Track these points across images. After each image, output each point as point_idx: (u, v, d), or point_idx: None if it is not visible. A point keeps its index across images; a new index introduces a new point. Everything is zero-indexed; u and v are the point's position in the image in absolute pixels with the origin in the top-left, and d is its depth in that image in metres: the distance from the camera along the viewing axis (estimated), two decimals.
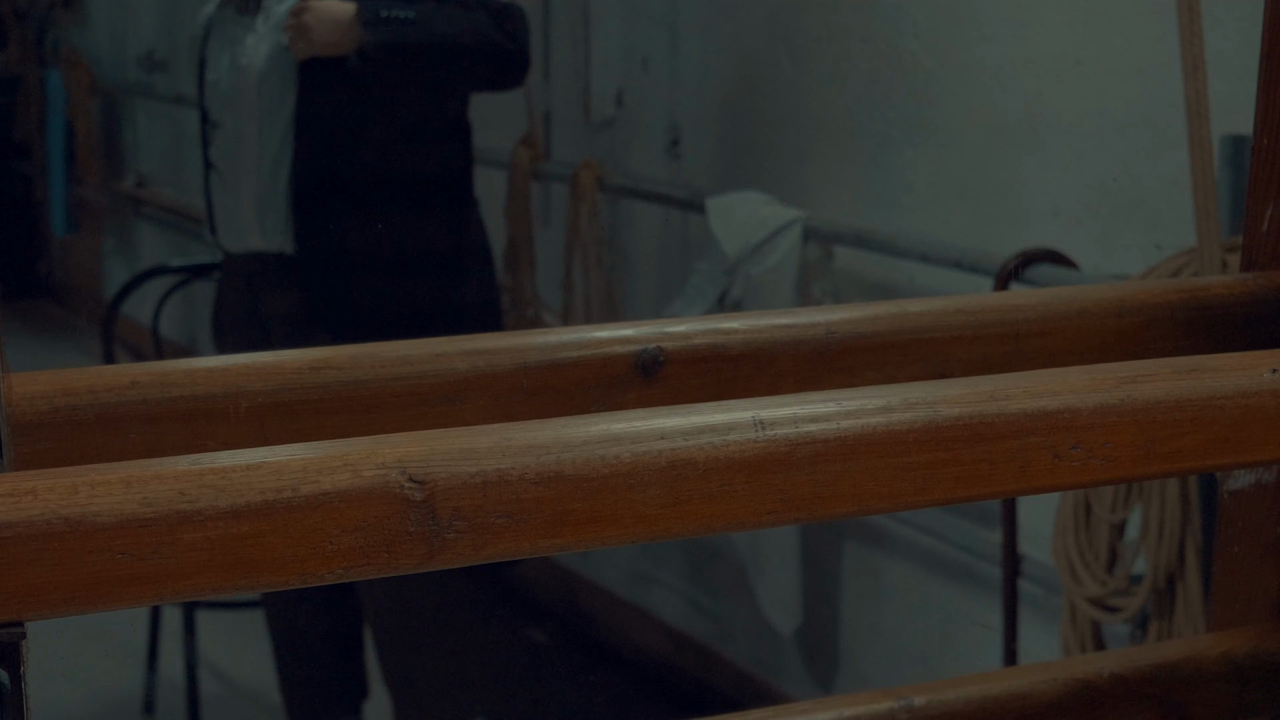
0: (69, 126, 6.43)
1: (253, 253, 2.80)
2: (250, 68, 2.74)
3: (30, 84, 6.97)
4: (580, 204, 3.49)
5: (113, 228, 6.54)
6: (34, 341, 6.81)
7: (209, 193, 2.85)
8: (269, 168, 2.75)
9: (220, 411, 0.95)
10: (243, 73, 2.74)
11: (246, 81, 2.74)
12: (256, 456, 0.77)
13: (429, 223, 2.78)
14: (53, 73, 6.58)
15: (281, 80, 2.72)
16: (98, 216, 6.54)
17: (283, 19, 2.72)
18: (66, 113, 6.41)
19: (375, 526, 0.77)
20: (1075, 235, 2.55)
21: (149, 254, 5.99)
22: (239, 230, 2.80)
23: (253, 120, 2.74)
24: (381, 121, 2.73)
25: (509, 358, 1.01)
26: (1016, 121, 2.67)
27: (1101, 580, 2.30)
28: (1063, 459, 0.90)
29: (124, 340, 5.71)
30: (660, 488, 0.82)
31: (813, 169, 3.10)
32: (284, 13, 2.73)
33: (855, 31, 2.98)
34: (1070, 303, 1.12)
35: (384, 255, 2.74)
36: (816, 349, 1.06)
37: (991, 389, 0.90)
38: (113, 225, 6.53)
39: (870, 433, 0.86)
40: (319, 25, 2.65)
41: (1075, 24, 2.56)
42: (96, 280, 6.75)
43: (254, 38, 2.75)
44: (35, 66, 6.98)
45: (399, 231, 2.74)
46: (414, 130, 2.77)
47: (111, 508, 0.74)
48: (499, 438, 0.81)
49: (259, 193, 2.76)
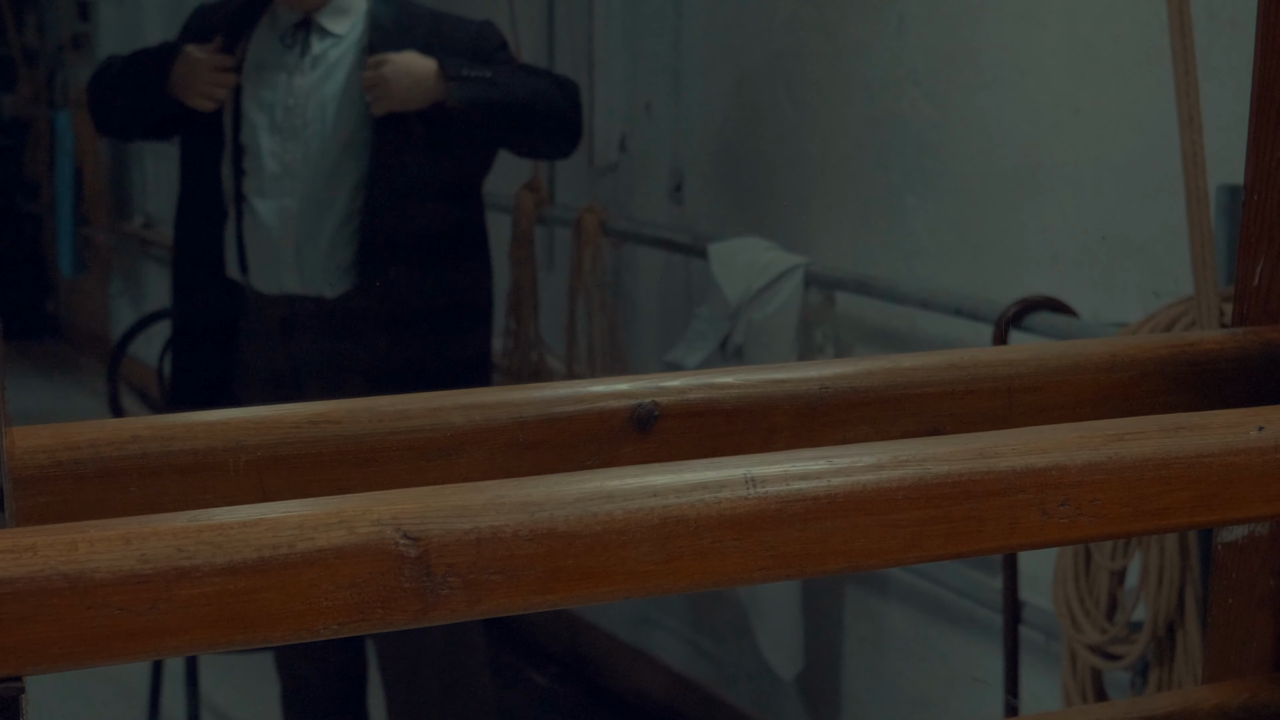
0: (77, 168, 6.46)
1: (288, 295, 2.78)
2: (300, 110, 2.73)
3: (39, 125, 7.01)
4: (584, 248, 3.50)
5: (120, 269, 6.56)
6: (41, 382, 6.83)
7: (240, 230, 2.80)
8: (315, 211, 2.74)
9: (220, 465, 0.96)
10: (292, 113, 2.73)
11: (296, 124, 2.73)
12: (253, 513, 0.79)
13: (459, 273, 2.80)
14: (62, 114, 6.62)
15: (335, 127, 2.71)
16: (105, 257, 6.57)
17: (333, 64, 2.72)
18: (75, 154, 6.44)
19: (370, 583, 0.78)
20: (1074, 282, 2.56)
21: (156, 295, 6.00)
22: (275, 271, 2.78)
23: (302, 164, 2.73)
24: (428, 174, 2.74)
25: (505, 412, 1.02)
26: (1016, 169, 2.68)
27: (1102, 627, 2.30)
28: (1051, 515, 0.91)
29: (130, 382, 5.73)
30: (652, 544, 0.83)
31: (814, 215, 3.11)
32: (336, 58, 2.73)
33: (856, 78, 3.00)
34: (1062, 358, 1.13)
35: (420, 304, 2.75)
36: (810, 404, 1.07)
37: (981, 446, 0.91)
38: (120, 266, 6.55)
39: (860, 490, 0.87)
40: (399, 80, 2.65)
41: (1074, 73, 2.57)
42: (104, 321, 6.77)
43: (303, 79, 2.74)
44: (45, 108, 7.02)
45: (435, 282, 2.76)
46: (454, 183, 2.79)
47: (110, 564, 0.75)
48: (493, 495, 0.82)
49: (301, 235, 2.74)
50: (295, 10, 2.76)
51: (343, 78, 2.75)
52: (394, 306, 2.74)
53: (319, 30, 2.76)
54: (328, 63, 2.74)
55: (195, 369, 2.84)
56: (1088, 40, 2.54)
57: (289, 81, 2.74)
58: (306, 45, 2.75)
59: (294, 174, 2.74)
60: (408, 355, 2.75)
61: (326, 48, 2.75)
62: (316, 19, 2.76)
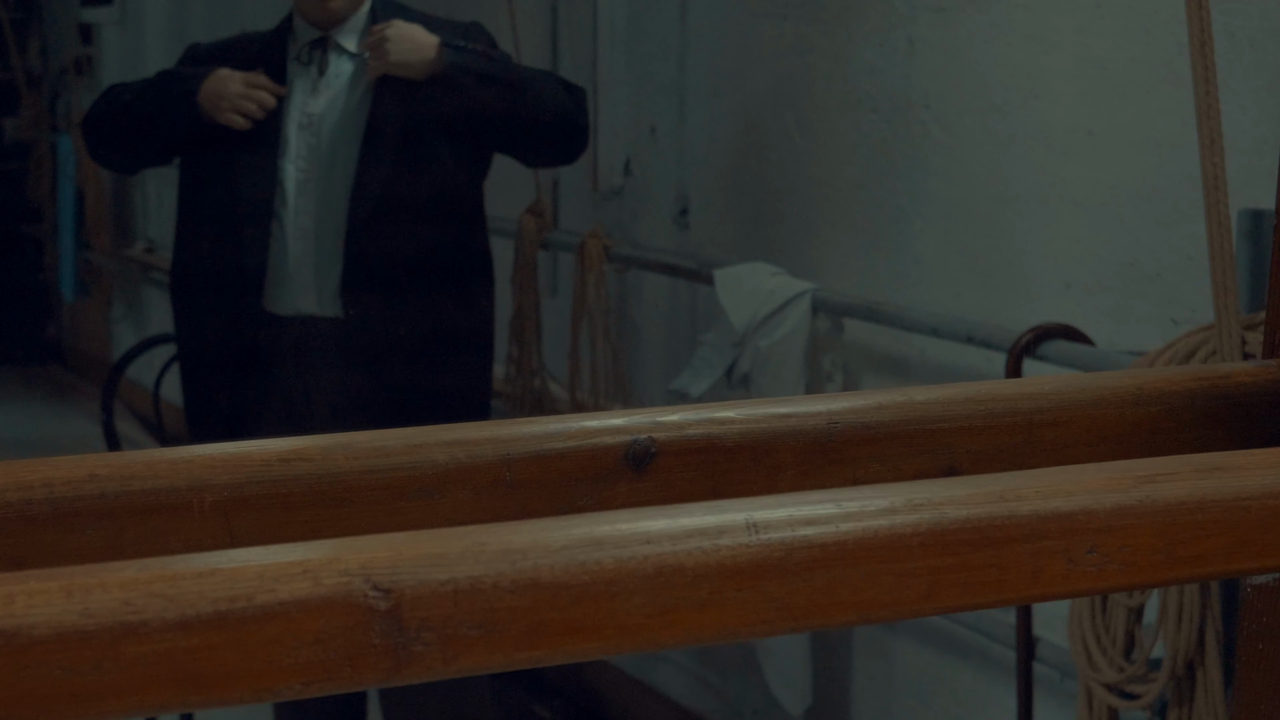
0: (79, 192, 6.42)
1: (302, 316, 2.72)
2: (316, 128, 2.70)
3: (41, 149, 6.97)
4: (587, 273, 3.45)
5: (122, 293, 6.52)
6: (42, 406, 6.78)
7: (267, 252, 2.74)
8: (332, 230, 2.70)
9: (183, 506, 0.90)
10: (308, 131, 2.71)
11: (312, 142, 2.70)
12: (208, 562, 0.72)
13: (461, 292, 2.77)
14: (64, 138, 6.59)
15: (348, 141, 2.68)
16: (107, 282, 6.52)
17: (348, 81, 2.70)
18: (77, 178, 6.40)
19: (337, 638, 0.72)
20: (1088, 309, 2.51)
21: (158, 320, 5.96)
22: (290, 292, 2.73)
23: (317, 182, 2.69)
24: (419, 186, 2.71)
25: (491, 449, 0.96)
26: (1028, 193, 2.63)
27: (1119, 666, 2.24)
28: (1077, 564, 0.84)
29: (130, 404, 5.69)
30: (645, 596, 0.77)
31: (822, 240, 3.06)
32: (349, 72, 2.70)
33: (864, 101, 2.95)
34: (1085, 391, 1.07)
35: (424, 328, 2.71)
36: (817, 440, 1.01)
37: (1001, 489, 0.84)
38: (122, 291, 6.51)
39: (872, 536, 0.81)
40: (400, 42, 2.64)
41: (1087, 95, 2.52)
42: (106, 345, 6.72)
43: (318, 98, 2.72)
44: (47, 131, 6.99)
45: (435, 308, 2.72)
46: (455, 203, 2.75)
47: (50, 619, 0.69)
48: (471, 542, 0.76)
49: (319, 254, 2.70)
50: (314, 29, 2.72)
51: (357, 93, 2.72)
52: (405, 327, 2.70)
53: (336, 48, 2.73)
54: (343, 80, 2.71)
55: (207, 397, 2.79)
56: (1101, 61, 2.49)
57: (305, 100, 2.71)
58: (324, 63, 2.72)
59: (307, 192, 2.70)
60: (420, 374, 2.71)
61: (342, 65, 2.72)
62: (334, 37, 2.73)
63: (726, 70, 3.33)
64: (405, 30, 2.65)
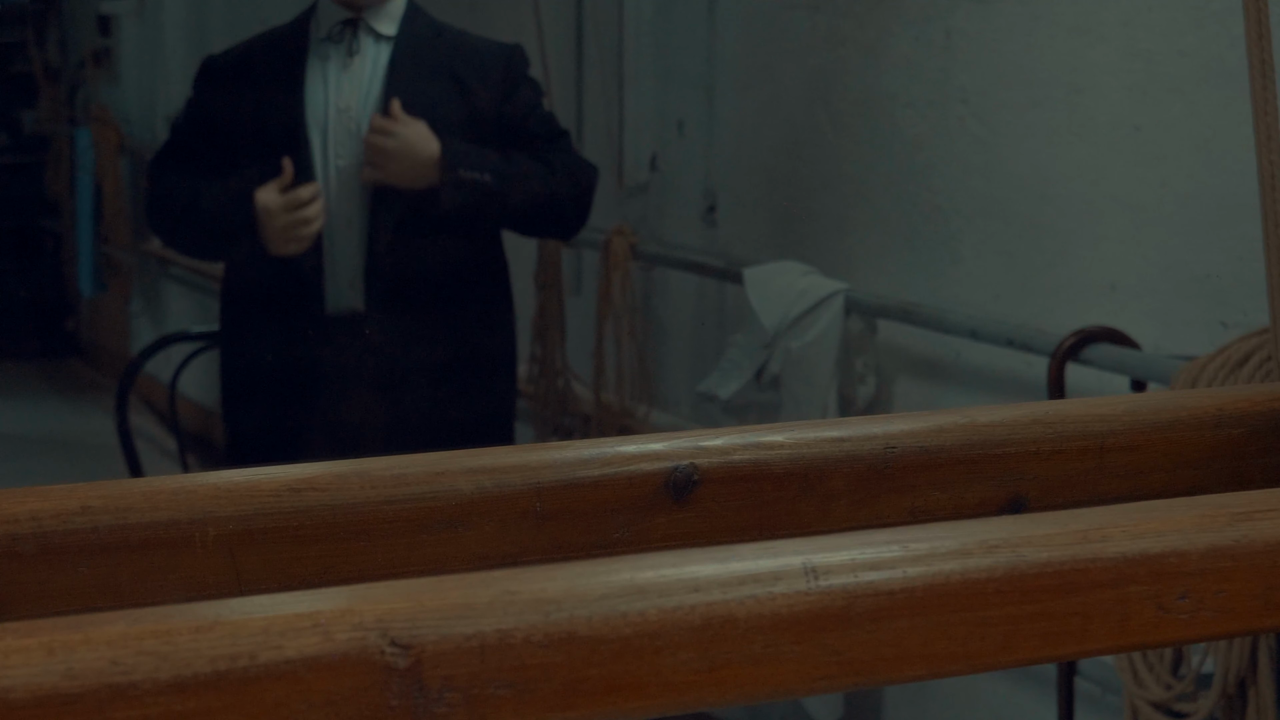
0: (97, 185, 6.37)
1: (354, 312, 2.65)
2: (351, 113, 2.65)
3: (60, 142, 6.92)
4: (612, 272, 3.39)
5: (140, 288, 6.47)
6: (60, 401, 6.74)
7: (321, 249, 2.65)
8: (364, 224, 2.64)
9: (185, 540, 0.83)
10: (345, 115, 2.65)
11: (351, 128, 2.65)
12: (208, 614, 0.65)
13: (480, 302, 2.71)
14: (82, 131, 6.53)
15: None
16: (126, 276, 6.47)
17: (376, 67, 2.64)
18: (95, 172, 6.35)
19: (350, 700, 0.65)
20: (1133, 312, 2.43)
21: (176, 315, 5.92)
22: (340, 289, 2.66)
23: (356, 167, 2.63)
24: None
25: (520, 476, 0.88)
26: (1071, 191, 2.55)
27: (1166, 683, 2.16)
28: (1168, 611, 0.77)
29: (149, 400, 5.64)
30: (693, 650, 0.69)
31: (855, 238, 2.99)
32: (375, 59, 2.64)
33: (900, 96, 2.88)
34: (1160, 412, 0.99)
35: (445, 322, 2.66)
36: (873, 466, 0.93)
37: (1084, 527, 0.77)
38: (140, 285, 6.46)
39: (943, 583, 0.73)
40: (401, 159, 2.57)
41: (1133, 89, 2.44)
42: (124, 340, 6.68)
43: (351, 80, 2.66)
44: (65, 125, 6.94)
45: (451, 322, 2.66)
46: None
47: (28, 680, 0.62)
48: (500, 590, 0.68)
49: (361, 252, 2.65)
50: (345, 9, 2.65)
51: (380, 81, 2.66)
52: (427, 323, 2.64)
53: (366, 29, 2.66)
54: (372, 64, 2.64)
55: (265, 408, 2.70)
56: (1148, 55, 2.41)
57: (339, 81, 2.64)
58: (355, 44, 2.65)
59: (348, 178, 2.62)
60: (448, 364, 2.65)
61: (371, 47, 2.65)
62: (366, 19, 2.65)
63: (756, 64, 3.26)
64: (408, 146, 2.57)
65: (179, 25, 5.98)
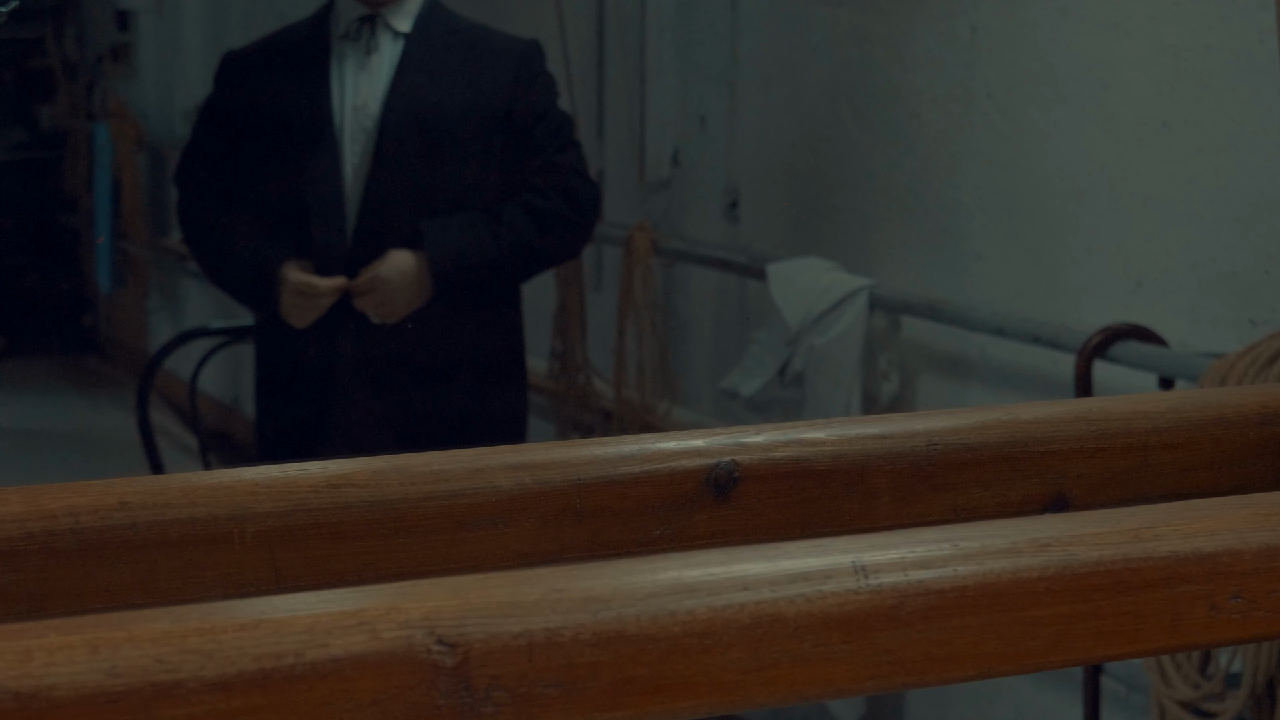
0: (115, 181, 6.36)
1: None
2: (368, 110, 2.65)
3: (78, 138, 6.92)
4: (634, 267, 3.38)
5: (158, 283, 6.47)
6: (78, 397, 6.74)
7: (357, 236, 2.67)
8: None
9: (223, 536, 0.82)
10: (361, 113, 2.66)
11: (367, 125, 2.65)
12: (252, 612, 0.64)
13: None
14: (100, 126, 6.53)
15: (396, 124, 2.64)
16: (144, 272, 6.47)
17: (391, 60, 2.64)
18: (113, 167, 6.35)
19: (396, 699, 0.64)
20: (1160, 309, 2.41)
21: (195, 310, 5.91)
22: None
23: (375, 166, 2.64)
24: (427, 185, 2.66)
25: (560, 473, 0.87)
26: (1097, 187, 2.54)
27: (1194, 682, 2.15)
28: (1221, 610, 0.76)
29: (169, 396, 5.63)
30: (743, 650, 0.68)
31: (879, 235, 2.98)
32: (393, 53, 2.64)
33: (924, 91, 2.86)
34: (1204, 409, 0.98)
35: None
36: (916, 463, 0.92)
37: (1136, 527, 0.76)
38: (158, 281, 6.46)
39: (994, 581, 0.72)
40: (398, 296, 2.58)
41: (1161, 85, 2.42)
42: (142, 336, 6.68)
43: (369, 77, 2.67)
44: (83, 120, 6.94)
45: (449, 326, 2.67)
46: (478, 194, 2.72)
47: (72, 678, 0.61)
48: (547, 588, 0.67)
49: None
50: (362, 5, 2.65)
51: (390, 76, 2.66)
52: None
53: (384, 25, 2.65)
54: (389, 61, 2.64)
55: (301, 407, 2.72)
56: (1176, 50, 2.39)
57: (356, 79, 2.63)
58: (373, 41, 2.64)
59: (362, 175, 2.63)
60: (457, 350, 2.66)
61: (389, 44, 2.64)
62: (384, 16, 2.65)
63: (779, 59, 3.25)
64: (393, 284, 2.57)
65: (197, 20, 5.98)
